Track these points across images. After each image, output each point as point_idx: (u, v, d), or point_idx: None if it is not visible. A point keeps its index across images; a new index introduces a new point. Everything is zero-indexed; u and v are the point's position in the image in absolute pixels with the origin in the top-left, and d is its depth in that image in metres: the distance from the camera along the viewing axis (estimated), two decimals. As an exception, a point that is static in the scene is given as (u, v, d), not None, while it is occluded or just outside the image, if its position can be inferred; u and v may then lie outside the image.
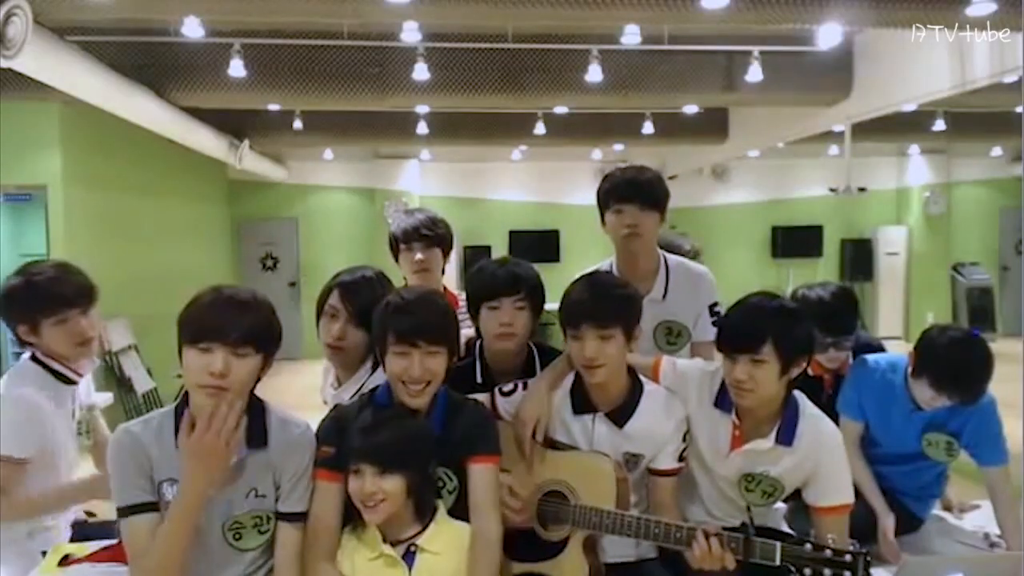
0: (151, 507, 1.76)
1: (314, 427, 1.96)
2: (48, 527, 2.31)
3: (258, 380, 1.84)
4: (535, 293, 2.23)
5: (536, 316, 2.24)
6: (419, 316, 1.88)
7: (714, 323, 2.41)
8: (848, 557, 1.71)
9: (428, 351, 1.86)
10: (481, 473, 1.91)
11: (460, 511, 1.92)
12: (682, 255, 2.74)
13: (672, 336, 2.46)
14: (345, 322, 2.20)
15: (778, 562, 1.76)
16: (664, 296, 2.45)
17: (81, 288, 2.30)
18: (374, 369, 2.24)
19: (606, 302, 2.00)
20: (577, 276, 2.18)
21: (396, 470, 1.78)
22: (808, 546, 1.75)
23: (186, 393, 1.81)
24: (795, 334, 1.97)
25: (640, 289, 2.24)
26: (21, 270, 2.33)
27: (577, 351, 1.99)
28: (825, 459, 2.06)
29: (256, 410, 1.85)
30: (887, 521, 2.48)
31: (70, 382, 2.34)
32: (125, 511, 1.75)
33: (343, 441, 1.86)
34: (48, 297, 2.25)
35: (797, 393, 2.09)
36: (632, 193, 2.39)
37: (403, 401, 1.90)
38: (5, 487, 2.15)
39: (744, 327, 1.98)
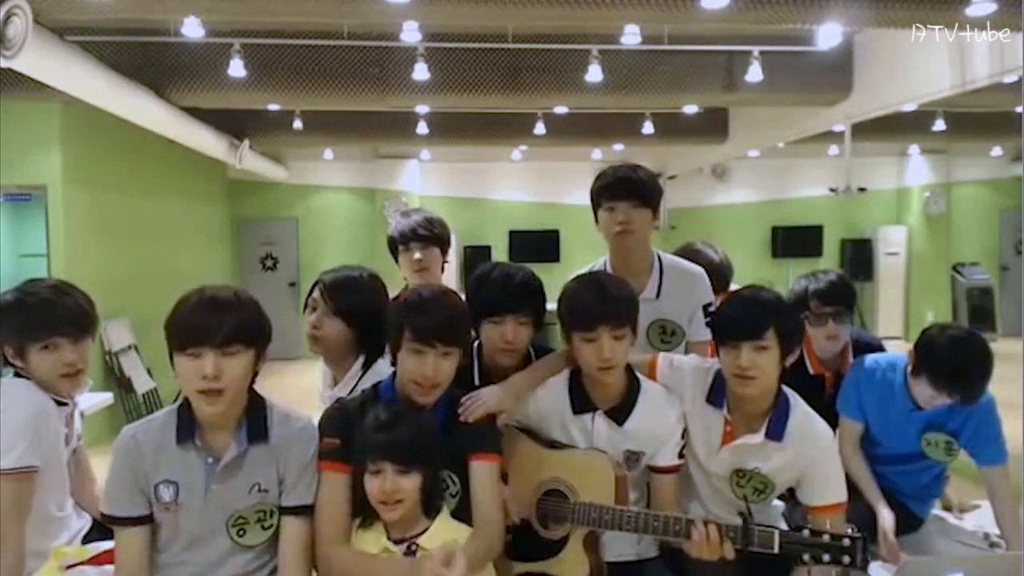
0: (141, 521, 1.78)
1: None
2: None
3: (255, 377, 1.84)
4: (539, 308, 2.23)
5: (538, 327, 2.24)
6: (437, 316, 1.90)
7: (708, 323, 2.41)
8: (846, 541, 1.72)
9: (443, 352, 1.88)
10: (482, 471, 1.91)
11: (463, 515, 1.92)
12: (705, 265, 2.75)
13: (666, 335, 2.46)
14: (322, 313, 2.27)
15: (776, 549, 1.76)
16: (658, 295, 2.45)
17: (74, 315, 2.14)
18: (365, 368, 2.26)
19: (620, 304, 2.01)
20: (573, 276, 2.19)
21: (415, 468, 1.79)
22: (806, 532, 1.75)
23: None
24: (791, 320, 2.06)
25: (633, 287, 2.24)
26: (19, 287, 2.18)
27: (593, 353, 1.99)
28: (817, 458, 2.07)
29: (256, 406, 1.85)
30: (887, 521, 2.49)
31: (60, 404, 2.15)
32: (113, 520, 1.79)
33: (347, 433, 1.87)
34: (37, 322, 2.09)
35: (788, 390, 2.11)
36: (624, 191, 2.39)
37: (411, 398, 1.91)
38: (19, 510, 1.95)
39: (746, 315, 2.01)
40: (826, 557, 1.72)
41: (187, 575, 1.82)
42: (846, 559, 1.70)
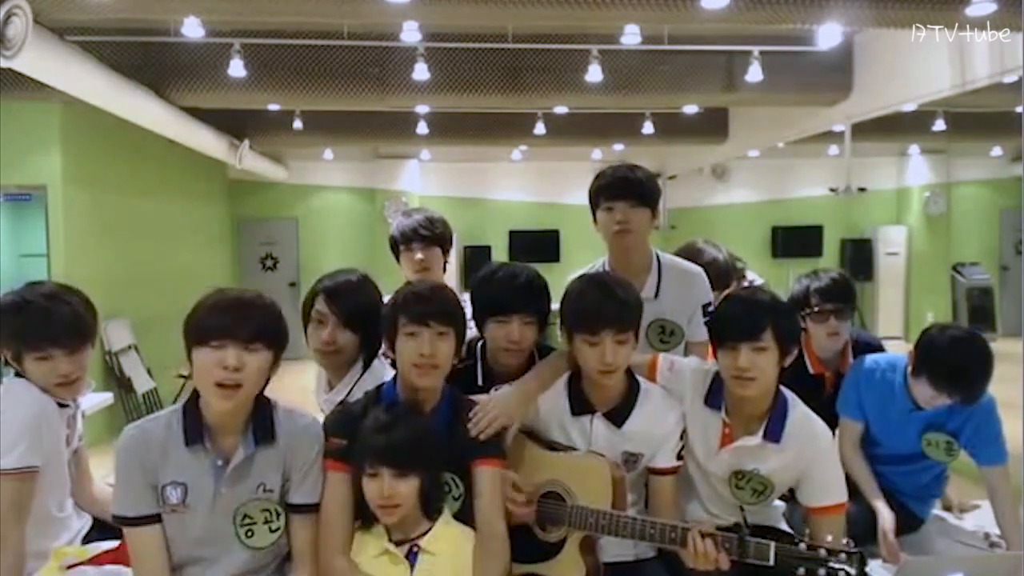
0: (154, 519, 1.78)
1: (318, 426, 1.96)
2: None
3: (267, 381, 1.84)
4: (544, 307, 2.23)
5: (543, 327, 2.23)
6: (431, 302, 1.94)
7: (706, 323, 2.41)
8: (843, 556, 1.71)
9: (438, 331, 1.90)
10: (486, 476, 1.92)
11: (465, 518, 1.92)
12: (709, 263, 2.75)
13: (665, 335, 2.45)
14: (334, 326, 2.21)
15: (772, 562, 1.76)
16: (656, 294, 2.44)
17: (70, 326, 2.09)
18: (364, 369, 2.25)
19: (625, 307, 2.00)
20: (574, 277, 2.18)
21: (412, 471, 1.80)
22: (803, 545, 1.75)
23: (195, 393, 1.81)
24: (789, 321, 2.05)
25: None
26: (19, 290, 2.14)
27: (595, 356, 1.98)
28: (816, 458, 2.07)
29: (263, 407, 1.85)
30: (887, 521, 2.48)
31: (62, 405, 2.14)
32: (127, 520, 1.78)
33: (351, 435, 1.88)
34: (32, 332, 2.06)
35: (787, 392, 2.10)
36: (622, 190, 2.39)
37: (413, 384, 1.92)
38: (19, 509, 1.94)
39: (744, 316, 2.00)
40: (822, 572, 1.71)
41: (194, 575, 1.82)
42: (842, 574, 1.70)
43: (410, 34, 5.61)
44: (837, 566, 1.70)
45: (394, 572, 1.82)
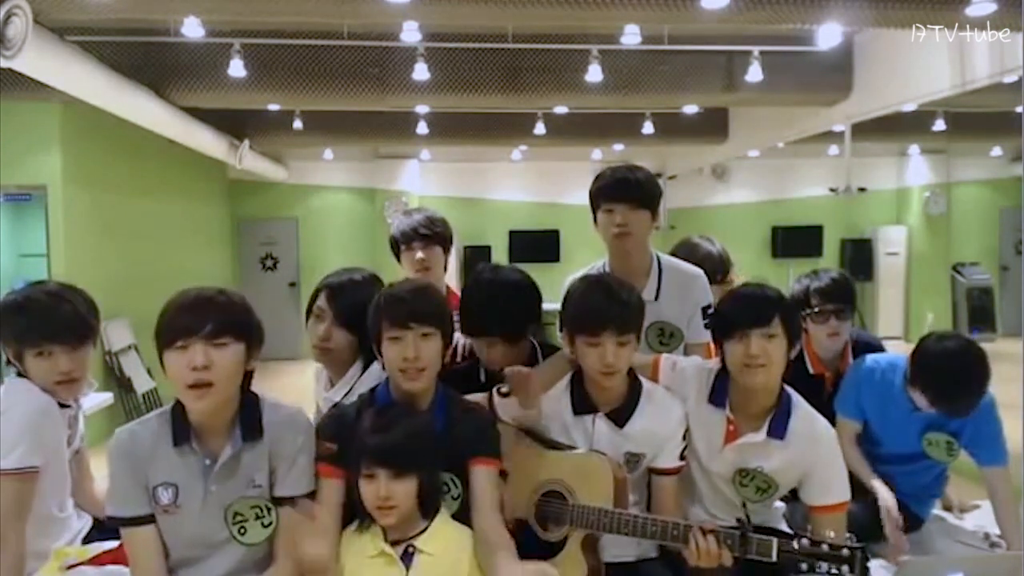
0: (148, 519, 1.78)
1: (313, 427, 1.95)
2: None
3: (250, 377, 1.83)
4: (531, 317, 2.24)
5: (537, 330, 2.24)
6: (412, 303, 1.91)
7: (706, 325, 2.40)
8: (845, 551, 1.71)
9: (421, 333, 1.87)
10: (482, 475, 1.91)
11: (464, 518, 1.91)
12: (704, 257, 2.75)
13: (664, 337, 2.44)
14: (330, 323, 2.22)
15: (775, 558, 1.76)
16: (656, 296, 2.44)
17: (71, 324, 2.09)
18: (363, 370, 2.24)
19: (627, 310, 2.01)
20: (574, 278, 2.18)
21: (409, 472, 1.79)
22: (805, 541, 1.75)
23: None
24: (794, 313, 2.09)
25: None
26: (23, 289, 2.17)
27: (596, 358, 1.98)
28: (819, 457, 2.07)
29: (249, 404, 1.84)
30: (887, 500, 2.48)
31: (63, 406, 2.14)
32: (121, 521, 1.78)
33: (345, 438, 1.87)
34: (33, 329, 2.07)
35: (790, 390, 2.11)
36: (622, 192, 2.38)
37: (402, 389, 1.91)
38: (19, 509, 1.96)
39: (753, 304, 2.02)
40: (824, 567, 1.71)
41: (190, 574, 1.82)
42: (844, 569, 1.70)
43: (410, 34, 5.61)
44: (839, 562, 1.70)
45: (390, 573, 1.80)
